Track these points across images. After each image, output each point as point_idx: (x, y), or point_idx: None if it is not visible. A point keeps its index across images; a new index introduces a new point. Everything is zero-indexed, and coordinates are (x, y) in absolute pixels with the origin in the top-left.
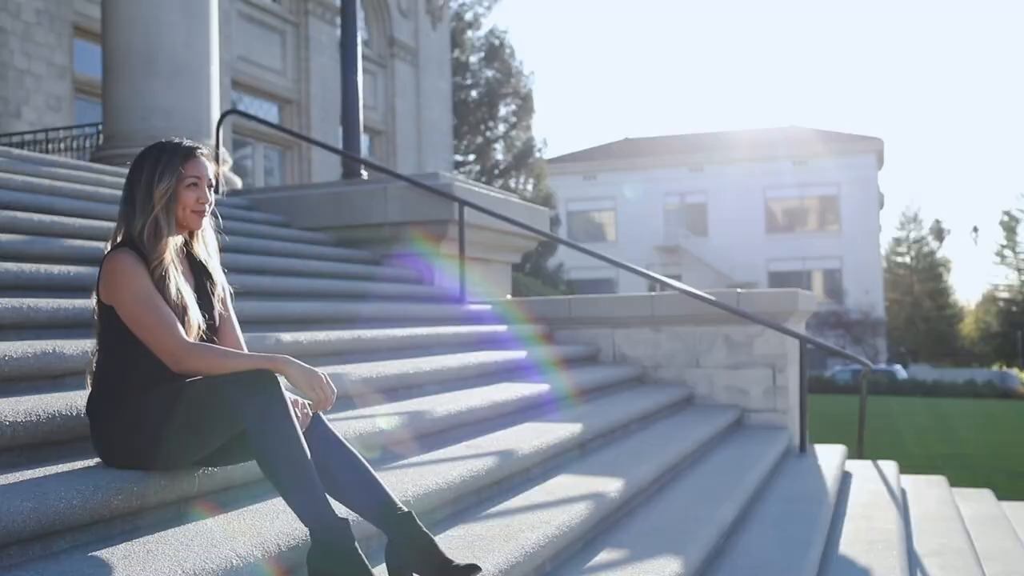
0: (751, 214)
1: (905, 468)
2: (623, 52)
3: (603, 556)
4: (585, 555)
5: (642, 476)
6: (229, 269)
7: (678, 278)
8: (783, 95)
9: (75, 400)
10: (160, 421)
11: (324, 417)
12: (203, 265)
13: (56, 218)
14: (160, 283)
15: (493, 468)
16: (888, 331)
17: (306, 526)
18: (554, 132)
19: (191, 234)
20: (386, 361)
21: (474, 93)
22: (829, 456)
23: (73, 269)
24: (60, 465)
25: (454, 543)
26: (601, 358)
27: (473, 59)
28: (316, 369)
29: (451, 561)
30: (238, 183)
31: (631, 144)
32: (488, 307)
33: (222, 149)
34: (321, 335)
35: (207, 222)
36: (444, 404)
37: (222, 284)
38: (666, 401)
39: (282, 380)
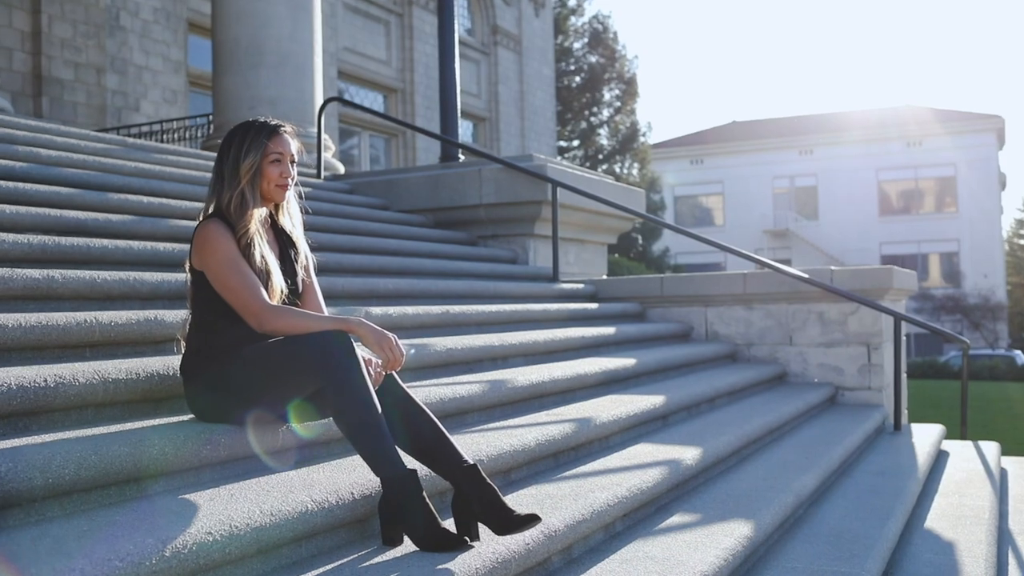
0: (863, 196)
1: (1020, 452)
2: (730, 34)
3: (675, 519)
4: (658, 518)
5: (721, 447)
6: (328, 249)
7: (787, 262)
8: (896, 74)
9: (172, 362)
10: (244, 379)
11: (396, 376)
12: (288, 235)
13: (164, 200)
14: (246, 250)
15: (570, 434)
16: (1010, 316)
17: (377, 476)
18: (660, 116)
19: (277, 207)
20: (473, 335)
21: (578, 79)
22: (925, 434)
23: (177, 247)
24: (157, 419)
25: (525, 500)
26: (693, 336)
27: (577, 45)
28: (387, 331)
29: (513, 511)
30: (340, 168)
31: (739, 127)
32: (580, 286)
33: (324, 136)
34: (410, 309)
35: (291, 195)
36: (527, 375)
37: (305, 253)
38: (756, 377)
39: (360, 346)
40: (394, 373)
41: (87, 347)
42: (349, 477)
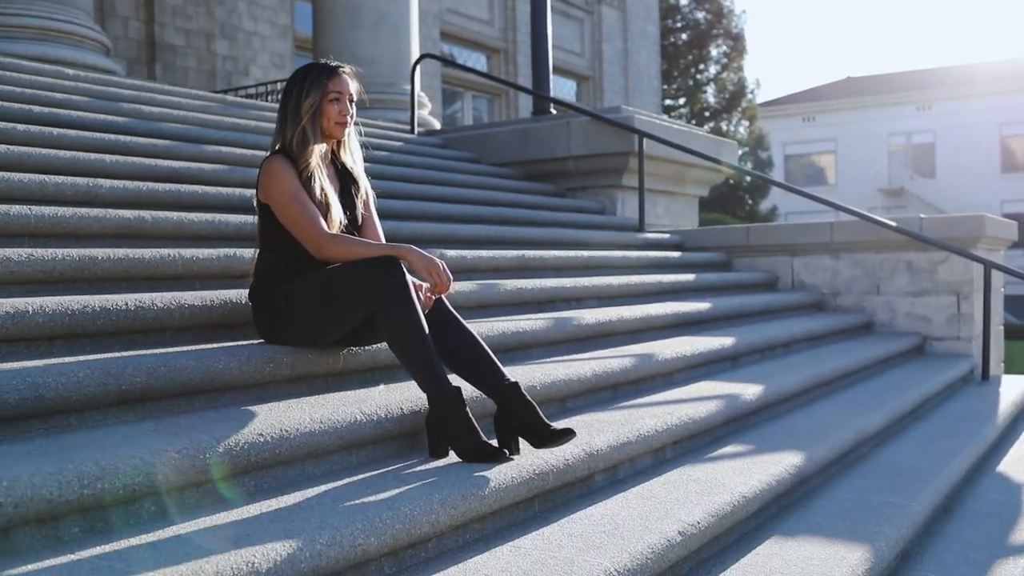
0: (984, 153)
1: None
2: None
3: (728, 449)
4: (711, 447)
5: (787, 386)
6: (414, 197)
7: None
8: (1019, 25)
9: (247, 293)
10: (304, 303)
11: (446, 301)
12: (349, 171)
13: (256, 152)
14: (307, 183)
15: (630, 368)
16: None
17: (424, 393)
18: (772, 73)
19: (339, 144)
20: (546, 278)
21: (684, 36)
22: (1014, 385)
23: None
24: (228, 343)
25: (575, 424)
26: (779, 285)
27: (683, 1)
28: (435, 258)
29: (549, 425)
30: (436, 125)
31: (853, 83)
32: (666, 235)
33: (420, 93)
34: (485, 253)
35: (352, 132)
36: (595, 314)
37: (365, 188)
38: (839, 325)
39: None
40: (443, 298)
41: (171, 279)
42: (400, 395)
